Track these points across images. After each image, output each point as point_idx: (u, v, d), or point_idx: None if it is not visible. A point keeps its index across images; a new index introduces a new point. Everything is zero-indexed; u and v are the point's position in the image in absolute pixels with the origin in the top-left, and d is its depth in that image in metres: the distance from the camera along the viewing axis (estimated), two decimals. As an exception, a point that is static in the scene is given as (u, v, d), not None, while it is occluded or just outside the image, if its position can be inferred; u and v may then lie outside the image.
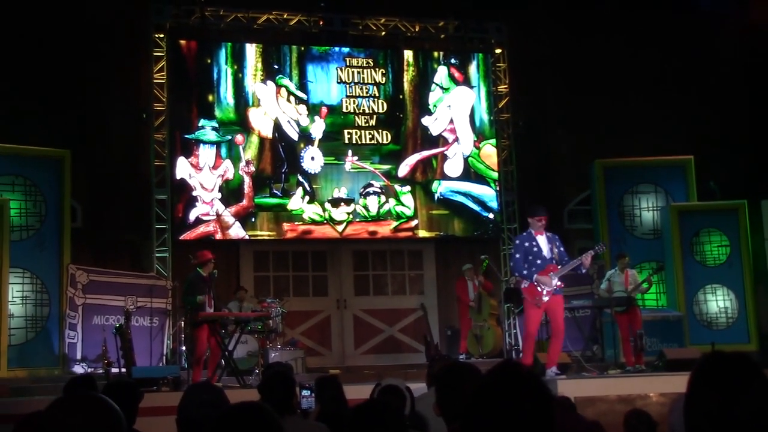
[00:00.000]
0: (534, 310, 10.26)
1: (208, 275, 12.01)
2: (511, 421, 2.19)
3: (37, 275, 13.61)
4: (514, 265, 10.49)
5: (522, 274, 10.29)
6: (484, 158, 16.80)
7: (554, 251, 10.31)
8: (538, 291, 10.15)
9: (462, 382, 3.84)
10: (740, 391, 2.14)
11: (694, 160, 16.20)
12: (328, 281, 16.50)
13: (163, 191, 15.23)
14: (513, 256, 10.57)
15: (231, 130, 15.67)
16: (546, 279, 10.12)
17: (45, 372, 13.20)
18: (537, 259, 10.23)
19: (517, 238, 10.77)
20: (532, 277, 10.17)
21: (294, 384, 5.43)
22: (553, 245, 10.34)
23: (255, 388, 8.86)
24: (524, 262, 10.26)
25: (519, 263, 10.32)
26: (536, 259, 10.23)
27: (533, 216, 10.44)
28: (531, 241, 10.31)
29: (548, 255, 10.26)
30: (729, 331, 15.20)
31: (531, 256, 10.25)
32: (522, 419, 2.19)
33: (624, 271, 12.90)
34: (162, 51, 15.55)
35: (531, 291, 10.23)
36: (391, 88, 16.65)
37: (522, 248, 10.32)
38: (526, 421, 2.19)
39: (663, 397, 8.93)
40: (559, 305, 10.41)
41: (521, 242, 10.41)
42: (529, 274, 10.20)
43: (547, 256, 10.25)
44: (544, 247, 10.29)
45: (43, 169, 14.00)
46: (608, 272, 13.18)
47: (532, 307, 10.27)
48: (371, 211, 16.12)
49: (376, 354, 16.26)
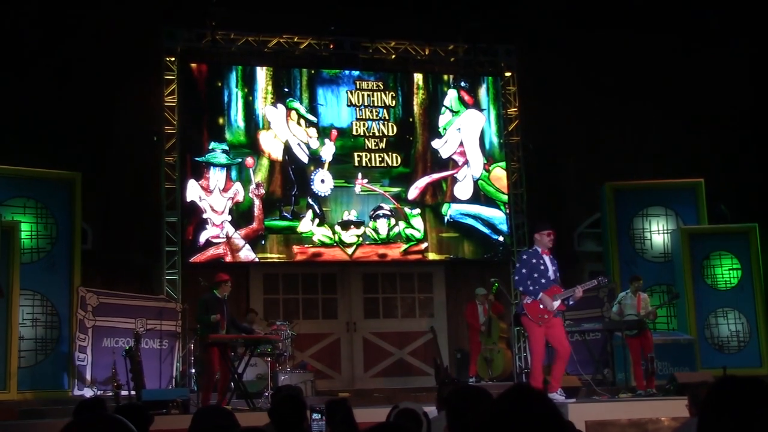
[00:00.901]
0: (537, 328, 10.04)
1: (223, 297, 12.00)
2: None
3: (47, 297, 13.62)
4: (519, 279, 10.18)
5: (528, 290, 10.05)
6: (494, 181, 16.80)
7: (557, 274, 10.18)
8: (540, 309, 9.98)
9: (472, 406, 3.83)
10: (754, 416, 2.12)
11: (704, 182, 16.16)
12: (338, 304, 16.49)
13: (174, 214, 15.27)
14: (518, 271, 10.26)
15: (241, 152, 15.72)
16: (549, 300, 9.93)
17: (54, 395, 13.17)
18: (542, 278, 10.04)
19: (524, 254, 10.48)
20: (538, 294, 9.97)
21: (305, 407, 5.41)
22: (556, 268, 10.21)
23: (264, 410, 8.85)
24: (528, 278, 10.05)
25: (524, 278, 10.08)
26: (541, 277, 10.04)
27: (541, 230, 10.23)
28: (538, 259, 10.11)
29: (552, 276, 10.11)
30: (741, 355, 15.12)
31: (536, 274, 10.05)
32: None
33: (636, 294, 12.79)
34: (173, 74, 15.63)
35: (534, 308, 10.03)
36: (401, 111, 16.69)
37: (529, 264, 10.10)
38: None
39: (674, 421, 8.86)
40: (559, 327, 10.18)
41: (528, 258, 10.18)
42: (534, 290, 9.99)
43: (551, 276, 10.10)
44: (549, 267, 10.12)
45: (54, 192, 14.04)
46: (620, 295, 13.06)
47: (534, 326, 10.07)
48: (381, 233, 16.12)
49: (386, 377, 16.22)
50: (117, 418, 2.42)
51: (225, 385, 11.88)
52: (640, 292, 12.82)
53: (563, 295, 10.07)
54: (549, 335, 10.12)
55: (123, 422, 2.40)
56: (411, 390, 14.62)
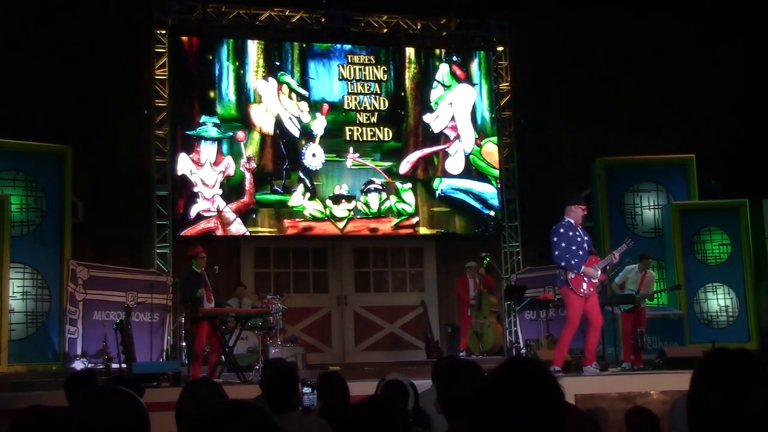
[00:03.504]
0: (579, 301, 9.82)
1: (203, 271, 11.99)
2: (521, 416, 2.17)
3: (37, 270, 13.60)
4: (559, 254, 9.84)
5: (570, 264, 9.77)
6: (485, 156, 16.80)
7: (590, 244, 10.05)
8: (585, 282, 9.81)
9: (463, 379, 3.84)
10: (743, 387, 2.13)
11: (695, 158, 16.18)
12: (329, 278, 16.50)
13: (164, 187, 15.24)
14: (557, 245, 9.86)
15: (232, 126, 15.67)
16: (592, 271, 9.80)
17: (45, 367, 13.21)
18: (579, 249, 9.85)
19: (560, 227, 10.00)
20: (580, 267, 9.76)
21: (297, 381, 5.42)
22: (589, 238, 10.08)
23: (255, 384, 8.87)
24: (567, 252, 9.80)
25: (564, 252, 9.80)
26: (579, 249, 9.84)
27: (576, 203, 10.02)
28: (574, 231, 9.89)
29: (587, 247, 9.94)
30: (729, 330, 15.19)
31: (574, 246, 9.83)
32: (532, 414, 2.17)
33: (643, 272, 12.74)
34: (164, 47, 15.55)
35: (579, 282, 9.82)
36: (393, 85, 16.64)
37: (566, 237, 9.86)
38: (537, 415, 2.18)
39: (663, 394, 8.91)
40: (595, 297, 10.02)
41: (565, 231, 9.89)
42: (576, 264, 9.76)
43: (587, 248, 9.93)
44: (584, 238, 9.97)
45: (45, 165, 13.98)
46: (626, 267, 12.89)
47: (576, 299, 9.83)
48: (372, 208, 16.11)
49: (377, 351, 16.26)
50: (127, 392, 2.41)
51: (215, 359, 11.92)
52: (647, 271, 12.77)
53: (602, 263, 10.00)
54: (587, 306, 9.97)
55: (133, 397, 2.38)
56: (401, 364, 14.68)
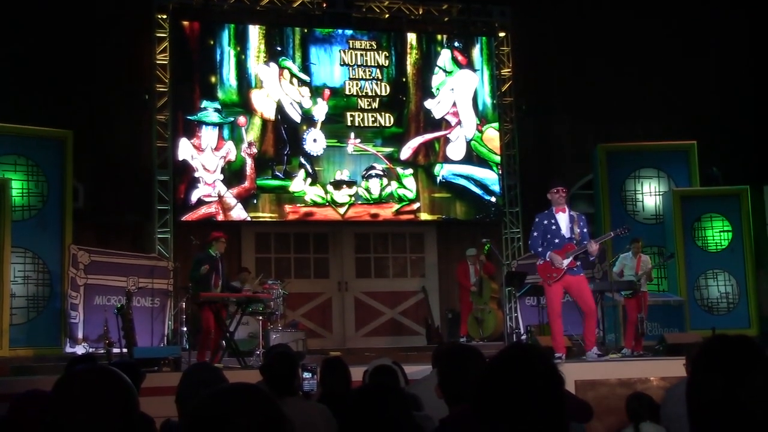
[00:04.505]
0: (548, 288, 10.07)
1: (219, 256, 12.09)
2: (521, 402, 2.18)
3: (38, 255, 13.61)
4: (531, 242, 10.23)
5: (537, 251, 10.12)
6: (486, 142, 16.78)
7: (575, 231, 10.05)
8: (550, 268, 9.96)
9: (464, 365, 3.85)
10: (743, 373, 2.13)
11: (696, 145, 16.16)
12: (330, 263, 16.52)
13: (165, 172, 15.23)
14: (531, 234, 10.28)
15: (233, 111, 15.66)
16: (557, 258, 9.89)
17: (46, 352, 13.21)
18: (555, 237, 10.01)
19: (537, 216, 10.33)
20: (545, 254, 9.97)
21: (297, 366, 5.43)
22: (575, 224, 10.08)
23: (255, 369, 8.88)
24: (542, 240, 10.05)
25: (536, 241, 10.11)
26: (554, 237, 10.01)
27: (550, 189, 10.18)
28: (550, 219, 10.08)
29: (567, 234, 10.02)
30: (730, 316, 15.20)
31: (549, 235, 10.03)
32: (532, 400, 2.18)
33: (637, 255, 12.79)
34: (165, 32, 15.51)
35: (544, 268, 10.05)
36: (394, 71, 16.62)
37: (541, 226, 10.11)
38: (537, 401, 2.18)
39: (663, 381, 8.94)
40: (580, 284, 10.10)
41: (540, 220, 10.16)
42: (543, 251, 10.01)
43: (566, 234, 10.01)
44: (563, 226, 10.04)
45: (46, 150, 13.97)
46: (621, 255, 12.99)
47: (547, 287, 10.11)
48: (373, 193, 16.11)
49: (377, 336, 16.29)
50: (112, 370, 2.41)
51: (217, 344, 11.95)
52: (640, 254, 12.82)
53: (575, 251, 9.99)
54: (573, 295, 10.16)
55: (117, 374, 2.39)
56: (402, 349, 14.67)
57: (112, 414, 2.28)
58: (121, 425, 2.29)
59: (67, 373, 2.44)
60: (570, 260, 9.97)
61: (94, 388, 2.32)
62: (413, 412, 4.31)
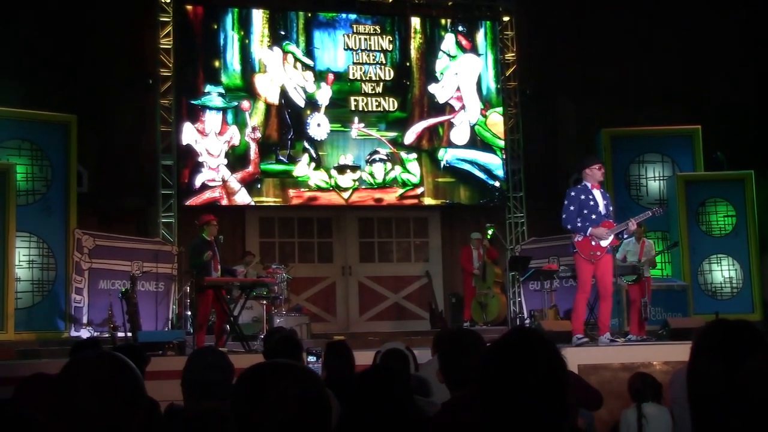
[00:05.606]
0: (588, 266, 9.65)
1: (213, 239, 12.02)
2: (524, 386, 2.19)
3: (43, 239, 13.64)
4: (566, 217, 9.65)
5: (576, 226, 9.59)
6: (490, 126, 16.77)
7: (609, 208, 9.82)
8: (592, 245, 9.59)
9: (465, 349, 3.86)
10: (743, 357, 2.14)
11: (701, 129, 16.11)
12: (334, 248, 16.53)
13: (169, 157, 15.24)
14: (566, 209, 9.70)
15: (237, 96, 15.65)
16: (601, 232, 9.54)
17: (51, 335, 13.26)
18: (592, 213, 9.62)
19: (572, 190, 9.85)
20: (587, 230, 9.54)
21: (301, 349, 5.45)
22: (608, 202, 9.85)
23: (260, 353, 8.90)
24: (577, 215, 9.61)
25: (572, 216, 9.61)
26: (591, 213, 9.61)
27: (591, 165, 9.79)
28: (587, 194, 9.68)
29: (604, 211, 9.70)
30: (733, 301, 15.19)
31: (586, 210, 9.62)
32: (535, 384, 2.19)
33: (640, 240, 12.76)
34: (168, 16, 15.49)
35: (585, 245, 9.61)
36: (398, 55, 16.59)
37: (577, 201, 9.65)
38: (540, 385, 2.20)
39: (666, 365, 8.93)
40: (607, 265, 9.75)
41: (576, 194, 9.69)
42: (582, 226, 9.56)
43: (603, 212, 9.69)
44: (600, 202, 9.71)
45: (50, 134, 13.99)
46: (624, 241, 12.93)
47: (585, 264, 9.66)
48: (377, 178, 16.11)
49: (381, 320, 16.32)
50: (118, 355, 2.43)
51: (221, 328, 11.95)
52: (644, 239, 12.79)
53: (616, 229, 9.75)
54: (597, 274, 9.75)
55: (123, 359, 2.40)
56: (406, 334, 14.69)
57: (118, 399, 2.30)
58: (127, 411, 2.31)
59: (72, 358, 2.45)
60: (612, 238, 9.74)
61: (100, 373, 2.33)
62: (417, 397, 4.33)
